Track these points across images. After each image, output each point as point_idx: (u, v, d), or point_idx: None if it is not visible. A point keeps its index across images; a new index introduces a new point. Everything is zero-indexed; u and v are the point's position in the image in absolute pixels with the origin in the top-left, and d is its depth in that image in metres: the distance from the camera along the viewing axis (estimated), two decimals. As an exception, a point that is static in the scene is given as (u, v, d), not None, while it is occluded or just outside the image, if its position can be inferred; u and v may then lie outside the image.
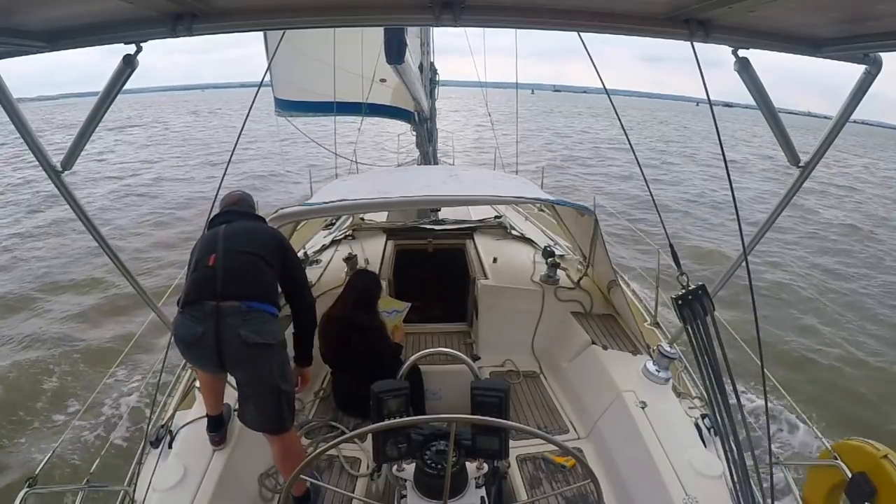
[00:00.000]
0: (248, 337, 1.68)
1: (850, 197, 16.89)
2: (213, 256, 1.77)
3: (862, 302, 7.69)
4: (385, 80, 5.20)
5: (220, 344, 1.67)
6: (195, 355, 1.79)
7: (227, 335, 1.67)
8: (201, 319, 1.68)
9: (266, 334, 1.73)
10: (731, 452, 1.43)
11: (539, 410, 2.77)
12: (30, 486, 1.58)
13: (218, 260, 1.77)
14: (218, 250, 1.80)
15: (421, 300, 3.53)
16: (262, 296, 1.79)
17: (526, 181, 3.89)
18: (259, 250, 1.87)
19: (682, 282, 1.46)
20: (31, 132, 1.36)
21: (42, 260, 8.32)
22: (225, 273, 1.75)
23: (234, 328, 1.67)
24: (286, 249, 2.00)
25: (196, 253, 1.85)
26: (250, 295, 1.75)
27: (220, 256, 1.78)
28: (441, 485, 1.23)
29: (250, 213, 2.13)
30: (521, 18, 1.27)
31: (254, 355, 1.73)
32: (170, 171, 16.81)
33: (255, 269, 1.83)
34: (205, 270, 1.76)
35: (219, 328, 1.67)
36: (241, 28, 1.27)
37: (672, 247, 1.59)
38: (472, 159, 15.75)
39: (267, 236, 1.97)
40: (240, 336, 1.67)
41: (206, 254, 1.80)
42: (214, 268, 1.75)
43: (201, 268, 1.78)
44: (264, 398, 1.81)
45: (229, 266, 1.77)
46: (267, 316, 1.77)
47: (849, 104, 1.41)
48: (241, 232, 1.92)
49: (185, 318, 1.73)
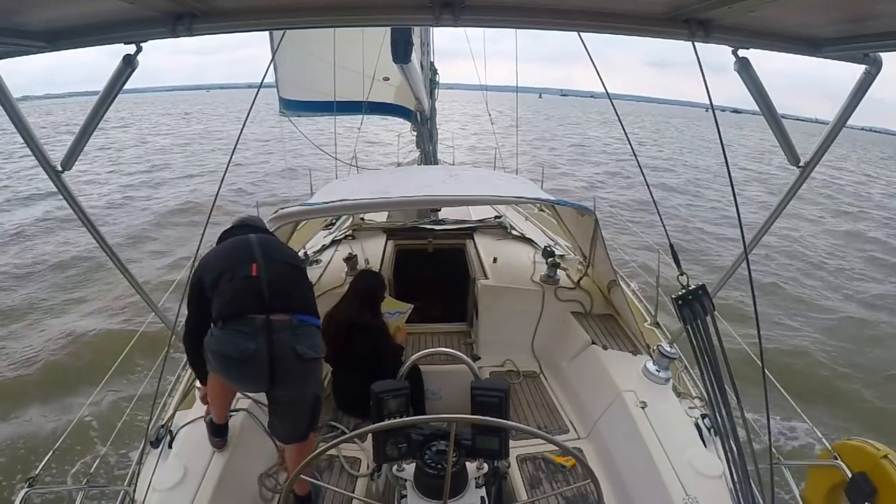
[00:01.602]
0: (305, 352, 1.64)
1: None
2: (255, 266, 1.67)
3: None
4: (388, 78, 5.20)
5: (272, 360, 1.60)
6: (242, 373, 1.66)
7: (281, 351, 1.60)
8: (251, 335, 1.58)
9: (318, 348, 1.71)
10: (731, 452, 1.43)
11: (539, 410, 2.77)
12: (30, 486, 1.59)
13: (261, 270, 1.66)
14: (258, 259, 1.69)
15: (421, 300, 3.53)
16: (308, 308, 1.74)
17: (526, 181, 3.89)
18: (295, 262, 1.84)
19: (682, 282, 1.46)
20: (31, 132, 1.36)
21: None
22: (270, 284, 1.65)
23: (288, 343, 1.60)
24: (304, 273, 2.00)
25: (224, 261, 1.73)
26: (298, 307, 1.69)
27: (261, 266, 1.67)
28: (441, 485, 1.23)
29: (266, 229, 2.06)
30: (522, 18, 1.27)
31: (307, 370, 1.71)
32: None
33: (298, 279, 1.77)
34: (246, 281, 1.64)
35: (271, 343, 1.58)
36: (242, 28, 1.27)
37: (672, 247, 1.59)
38: (472, 159, 15.74)
39: (293, 251, 2.00)
40: (296, 351, 1.61)
41: (243, 262, 1.68)
42: (258, 278, 1.64)
43: (240, 277, 1.65)
44: (303, 414, 1.81)
45: (273, 276, 1.68)
46: (314, 329, 1.73)
47: (849, 104, 1.41)
48: (272, 241, 1.85)
49: (229, 333, 1.60)
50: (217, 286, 1.67)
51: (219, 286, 1.67)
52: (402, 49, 3.12)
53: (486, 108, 6.55)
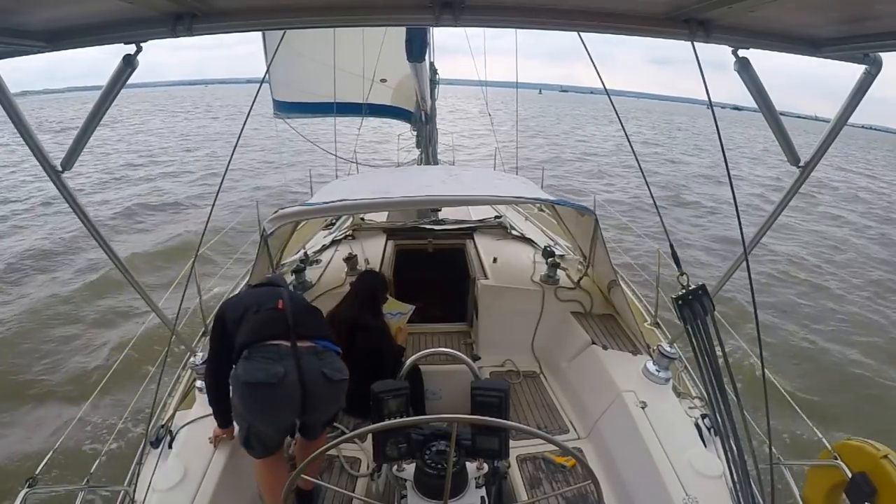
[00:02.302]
0: (333, 374, 1.73)
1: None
2: (281, 301, 1.82)
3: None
4: (385, 80, 5.20)
5: (303, 383, 1.66)
6: (275, 399, 1.65)
7: (311, 375, 1.68)
8: (278, 360, 1.64)
9: (344, 371, 1.81)
10: (731, 452, 1.43)
11: (539, 410, 2.77)
12: (30, 487, 1.58)
13: (286, 303, 1.81)
14: (284, 297, 1.84)
15: (421, 300, 3.52)
16: (329, 337, 1.86)
17: (526, 181, 3.89)
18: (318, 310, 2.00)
19: (682, 282, 1.46)
20: (31, 132, 1.36)
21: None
22: (294, 314, 1.79)
23: (316, 367, 1.70)
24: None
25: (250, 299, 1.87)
26: (320, 335, 1.82)
27: (287, 302, 1.82)
28: (441, 485, 1.23)
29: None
30: (522, 18, 1.27)
31: (337, 392, 1.80)
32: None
33: (319, 317, 1.96)
34: (271, 312, 1.79)
35: (300, 369, 1.66)
36: (241, 28, 1.27)
37: (672, 247, 1.59)
38: (472, 158, 15.64)
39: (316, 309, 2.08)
40: (324, 374, 1.70)
41: (270, 300, 1.84)
42: (284, 310, 1.78)
43: (266, 310, 1.79)
44: (321, 422, 1.93)
45: (297, 309, 1.83)
46: (336, 355, 1.84)
47: (849, 104, 1.41)
48: (298, 294, 2.11)
49: (256, 360, 1.64)
50: (242, 319, 1.79)
51: (244, 318, 1.78)
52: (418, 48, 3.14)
53: (486, 106, 6.55)
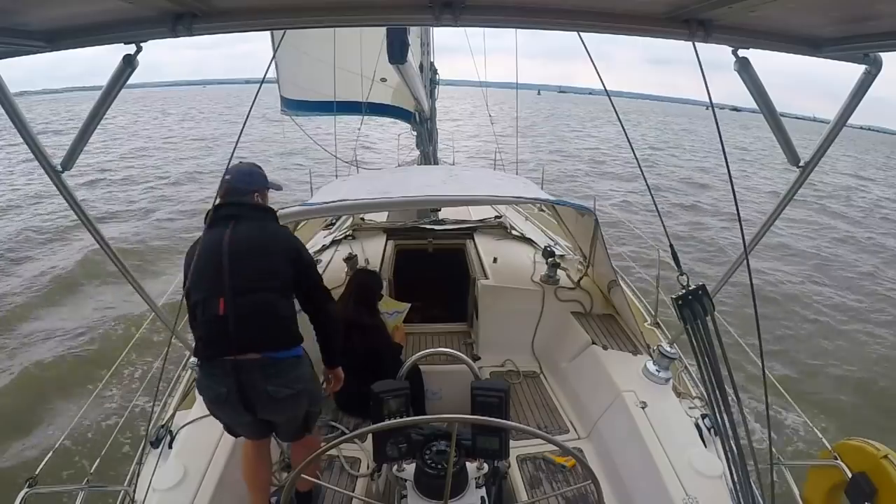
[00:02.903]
0: (277, 392, 1.60)
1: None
2: (222, 302, 1.57)
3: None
4: (385, 79, 5.21)
5: (245, 400, 1.60)
6: (223, 413, 1.71)
7: (252, 392, 1.59)
8: (222, 378, 1.58)
9: (295, 383, 1.64)
10: (731, 452, 1.43)
11: (539, 410, 2.77)
12: (30, 486, 1.58)
13: (228, 307, 1.58)
14: (226, 291, 1.58)
15: (421, 300, 3.53)
16: (284, 341, 1.64)
17: (526, 181, 3.89)
18: (271, 279, 1.65)
19: (682, 282, 1.46)
20: (31, 132, 1.36)
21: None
22: (238, 321, 1.57)
23: (258, 384, 1.58)
24: (298, 258, 1.76)
25: (198, 286, 1.63)
26: (270, 344, 1.61)
27: (229, 301, 1.58)
28: (441, 485, 1.23)
29: (259, 206, 1.81)
30: (522, 18, 1.27)
31: (286, 406, 1.67)
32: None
33: (271, 310, 1.63)
34: (214, 321, 1.58)
35: (241, 386, 1.57)
36: (242, 28, 1.27)
37: (672, 247, 1.59)
38: (472, 157, 15.61)
39: (278, 250, 1.70)
40: (268, 392, 1.59)
41: (213, 294, 1.59)
42: (226, 317, 1.57)
43: (210, 315, 1.59)
44: (292, 423, 1.82)
45: (242, 312, 1.58)
46: (291, 362, 1.65)
47: (849, 104, 1.41)
48: (247, 252, 1.64)
49: (205, 375, 1.63)
50: (195, 316, 1.65)
51: (196, 317, 1.64)
52: (398, 49, 3.13)
53: (486, 106, 6.55)
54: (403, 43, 3.15)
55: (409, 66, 3.73)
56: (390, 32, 3.08)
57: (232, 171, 1.82)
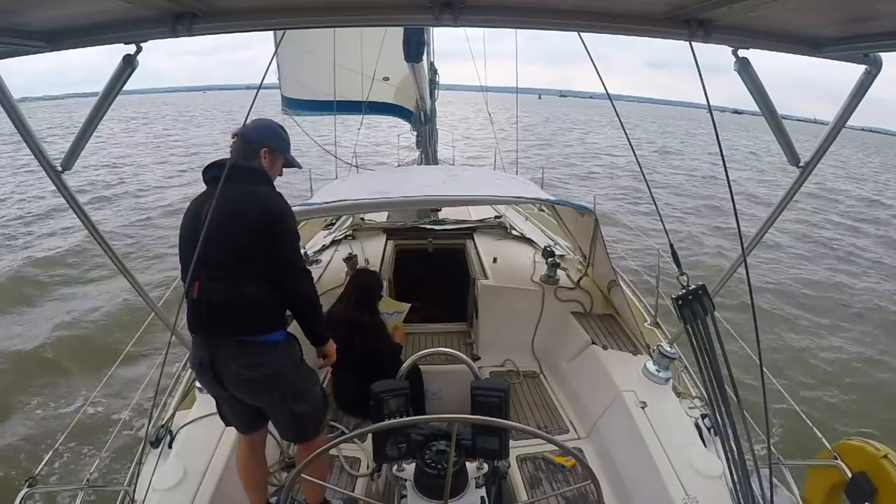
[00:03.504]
0: (241, 373, 1.60)
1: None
2: (197, 286, 1.58)
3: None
4: (388, 78, 5.21)
5: (216, 373, 1.63)
6: (203, 383, 1.77)
7: (224, 369, 1.62)
8: (200, 349, 1.64)
9: (262, 367, 1.61)
10: (731, 452, 1.43)
11: (539, 410, 2.77)
12: (30, 486, 1.58)
13: (201, 292, 1.58)
14: (200, 275, 1.57)
15: (421, 300, 3.53)
16: (257, 326, 1.63)
17: (526, 181, 3.90)
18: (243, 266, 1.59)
19: (682, 282, 1.46)
20: (31, 132, 1.36)
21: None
22: (210, 307, 1.58)
23: (227, 361, 1.61)
24: (269, 225, 1.60)
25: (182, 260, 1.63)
26: (242, 331, 1.61)
27: (203, 286, 1.58)
28: (441, 485, 1.23)
29: (252, 168, 1.69)
30: (522, 18, 1.27)
31: (252, 388, 1.66)
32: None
33: (243, 298, 1.59)
34: (192, 303, 1.61)
35: (213, 360, 1.62)
36: (242, 28, 1.27)
37: (672, 247, 1.59)
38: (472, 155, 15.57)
39: (252, 223, 1.58)
40: (235, 371, 1.61)
41: (190, 276, 1.57)
42: (199, 301, 1.59)
43: (189, 296, 1.61)
44: (279, 417, 1.79)
45: (214, 298, 1.58)
46: (262, 347, 1.63)
47: (849, 104, 1.41)
48: (224, 227, 1.56)
49: (192, 342, 1.70)
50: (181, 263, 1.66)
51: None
52: (415, 48, 3.13)
53: (487, 109, 6.55)
54: (420, 42, 3.15)
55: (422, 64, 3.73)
56: (407, 31, 3.09)
57: (251, 122, 1.72)
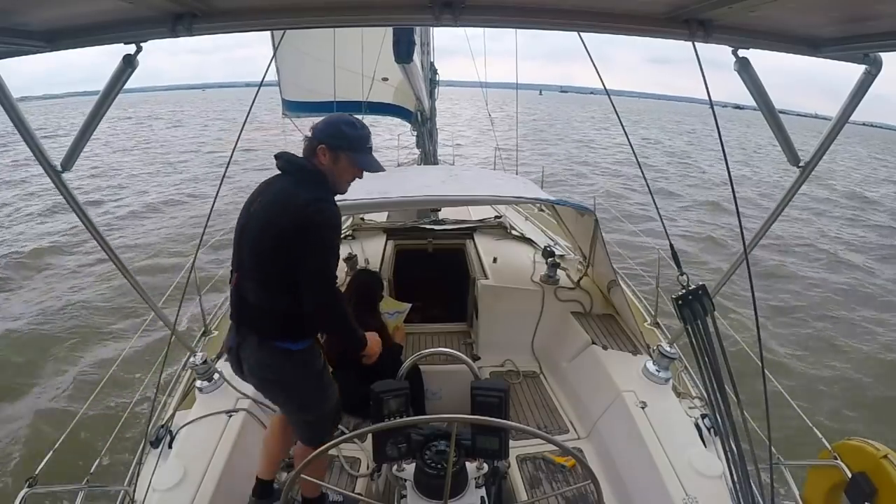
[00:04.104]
0: (254, 369, 1.70)
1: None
2: (236, 277, 1.68)
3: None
4: (387, 78, 5.21)
5: (240, 361, 1.72)
6: (231, 363, 1.82)
7: (245, 357, 1.70)
8: (233, 333, 1.73)
9: (270, 370, 1.66)
10: (731, 452, 1.43)
11: (539, 410, 2.77)
12: (30, 486, 1.58)
13: (238, 284, 1.67)
14: (239, 267, 1.66)
15: (421, 300, 3.53)
16: (276, 333, 1.62)
17: (526, 181, 3.90)
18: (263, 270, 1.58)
19: (682, 282, 1.46)
20: (31, 132, 1.36)
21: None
22: (240, 303, 1.68)
23: (248, 353, 1.69)
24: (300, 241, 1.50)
25: (234, 236, 1.70)
26: (260, 331, 1.65)
27: (239, 280, 1.66)
28: (441, 485, 1.23)
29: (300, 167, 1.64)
30: (522, 18, 1.27)
31: (261, 385, 1.79)
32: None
33: (262, 300, 1.59)
34: (231, 291, 1.73)
35: (240, 348, 1.70)
36: (242, 28, 1.27)
37: (672, 247, 1.60)
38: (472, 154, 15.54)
39: (280, 227, 1.52)
40: (250, 363, 1.70)
41: (234, 267, 1.70)
42: (234, 292, 1.70)
43: (231, 284, 1.73)
44: (288, 416, 1.87)
45: (245, 295, 1.64)
46: (277, 352, 1.62)
47: (849, 104, 1.41)
48: (263, 226, 1.56)
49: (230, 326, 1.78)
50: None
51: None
52: (405, 49, 3.12)
53: (486, 107, 6.55)
54: (410, 42, 3.14)
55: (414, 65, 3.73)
56: (397, 32, 3.08)
57: (330, 116, 1.70)
